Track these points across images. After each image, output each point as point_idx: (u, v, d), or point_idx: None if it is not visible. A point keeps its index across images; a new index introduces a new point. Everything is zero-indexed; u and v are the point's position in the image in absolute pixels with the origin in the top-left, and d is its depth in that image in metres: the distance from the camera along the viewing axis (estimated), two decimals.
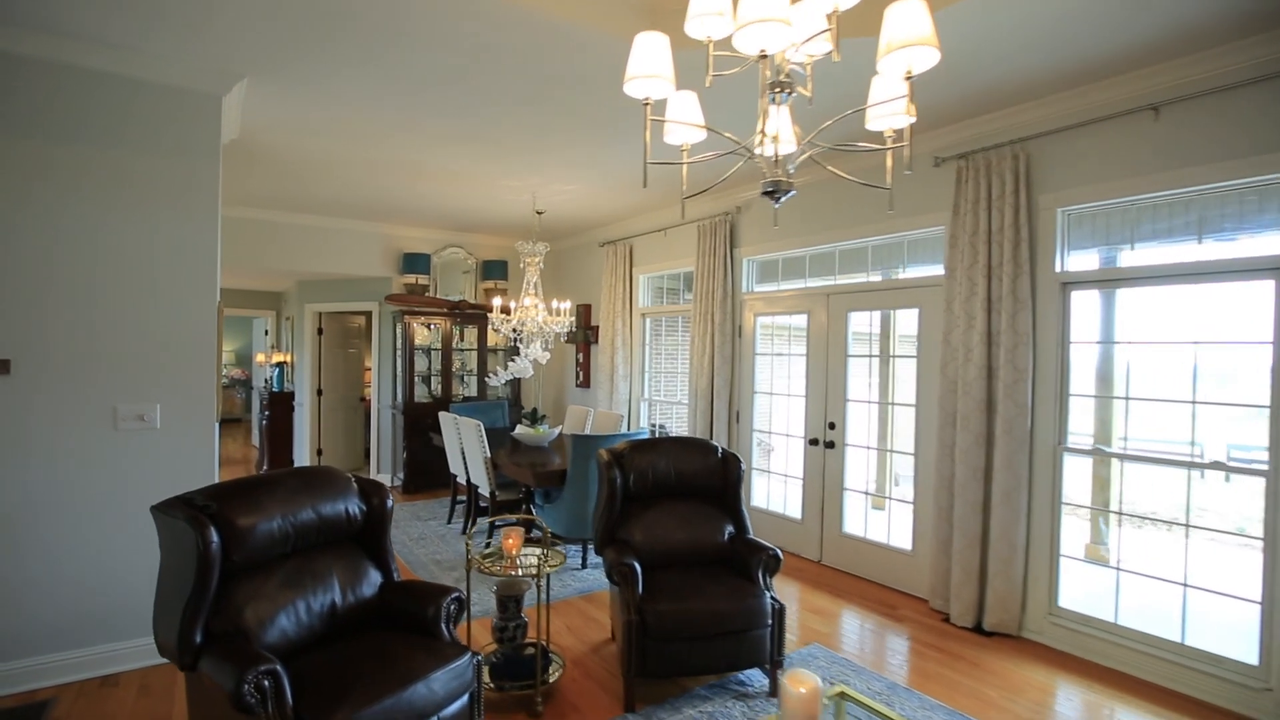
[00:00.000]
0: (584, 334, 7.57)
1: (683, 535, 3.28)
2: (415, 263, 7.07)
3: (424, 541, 5.25)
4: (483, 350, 7.46)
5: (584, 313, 7.62)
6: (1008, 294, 3.64)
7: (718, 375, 5.54)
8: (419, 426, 6.94)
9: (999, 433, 3.66)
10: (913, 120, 1.76)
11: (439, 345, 7.35)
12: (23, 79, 2.86)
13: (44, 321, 2.87)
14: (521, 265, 5.62)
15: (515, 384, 7.63)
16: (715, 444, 3.61)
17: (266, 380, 8.84)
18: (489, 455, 4.93)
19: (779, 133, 1.72)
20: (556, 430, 5.53)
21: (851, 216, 4.68)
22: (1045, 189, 3.62)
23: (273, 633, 2.23)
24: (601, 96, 3.59)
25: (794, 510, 5.11)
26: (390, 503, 2.66)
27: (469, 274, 7.69)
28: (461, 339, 7.58)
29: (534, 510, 4.89)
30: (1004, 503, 3.63)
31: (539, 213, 6.36)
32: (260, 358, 9.97)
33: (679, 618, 2.80)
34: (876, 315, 4.69)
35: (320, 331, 7.67)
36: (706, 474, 3.49)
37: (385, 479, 7.35)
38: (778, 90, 1.69)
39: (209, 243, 3.22)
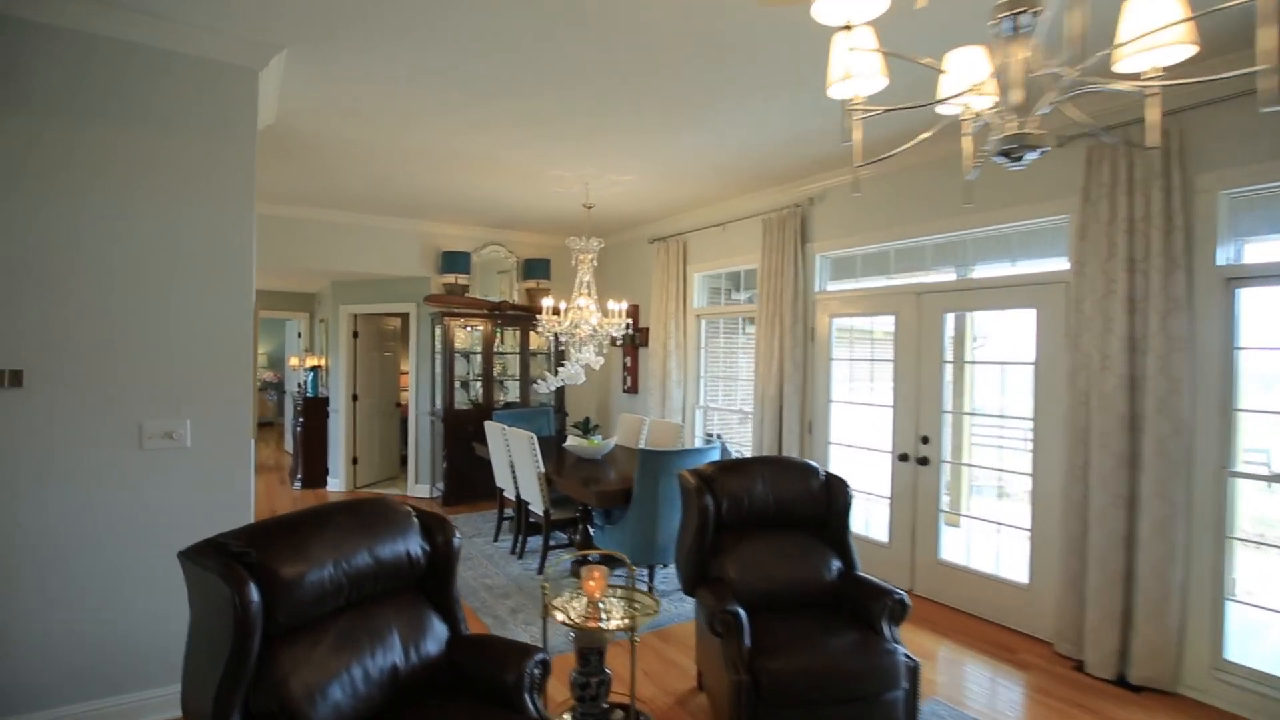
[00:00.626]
0: (632, 336, 7.13)
1: (785, 573, 2.82)
2: (455, 261, 6.70)
3: (471, 563, 4.85)
4: (525, 354, 7.05)
5: (631, 314, 7.17)
6: (1157, 292, 3.11)
7: (788, 382, 5.06)
8: (459, 435, 6.55)
9: (1148, 454, 3.13)
10: (1195, 50, 1.27)
11: (479, 348, 6.96)
12: (53, 51, 2.50)
13: (62, 327, 2.50)
14: (573, 263, 5.20)
15: (559, 390, 7.21)
16: (816, 466, 3.13)
17: (300, 385, 8.55)
18: (542, 470, 4.51)
19: (1017, 75, 1.25)
20: (611, 442, 5.09)
21: (945, 206, 4.17)
22: (1204, 168, 3.08)
23: (324, 708, 1.81)
24: (681, 73, 3.14)
25: (879, 533, 4.61)
26: (458, 541, 2.23)
27: (506, 274, 7.29)
28: (502, 342, 7.18)
29: (591, 532, 4.46)
30: (1156, 535, 3.10)
31: (588, 207, 5.94)
32: (293, 361, 9.71)
33: (799, 679, 2.33)
34: (978, 316, 4.16)
35: (355, 334, 7.34)
36: (808, 501, 3.01)
37: (424, 490, 6.98)
38: (1021, 11, 1.22)
39: (244, 237, 2.83)
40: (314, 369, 7.74)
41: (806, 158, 4.57)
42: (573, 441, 5.14)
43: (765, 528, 2.96)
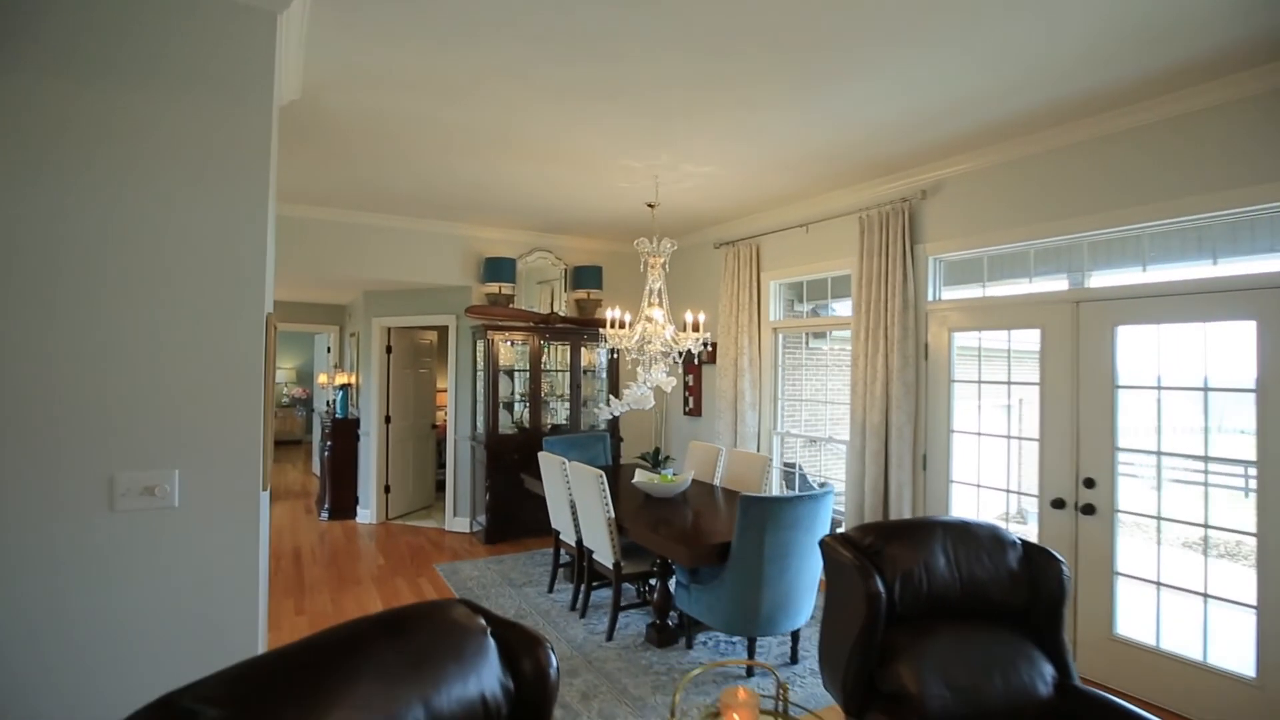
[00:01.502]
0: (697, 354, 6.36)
1: (993, 687, 2.01)
2: (499, 269, 6.02)
3: (523, 620, 4.10)
4: (575, 372, 6.33)
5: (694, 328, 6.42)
6: None
7: (896, 408, 4.25)
8: (503, 463, 5.85)
9: None
10: None
11: (525, 365, 6.27)
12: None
13: (8, 347, 1.83)
14: (642, 268, 4.47)
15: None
16: (1008, 534, 2.33)
17: (329, 404, 7.95)
18: (613, 516, 3.76)
19: None
20: (688, 478, 4.32)
21: (1106, 193, 3.35)
22: None
23: None
24: (812, 20, 2.40)
25: None
26: (554, 670, 1.48)
27: (546, 284, 6.58)
28: (549, 358, 6.48)
29: (672, 591, 3.69)
30: None
31: (651, 206, 5.22)
32: (322, 379, 9.15)
33: None
34: (1164, 330, 3.30)
35: (389, 349, 6.70)
36: (1004, 582, 2.21)
37: (463, 524, 6.27)
38: None
39: (256, 231, 2.14)
40: (344, 387, 7.13)
41: (920, 142, 3.80)
42: (642, 477, 4.39)
43: (951, 619, 2.17)
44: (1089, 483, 3.44)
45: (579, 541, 4.22)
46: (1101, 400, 3.40)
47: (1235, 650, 2.97)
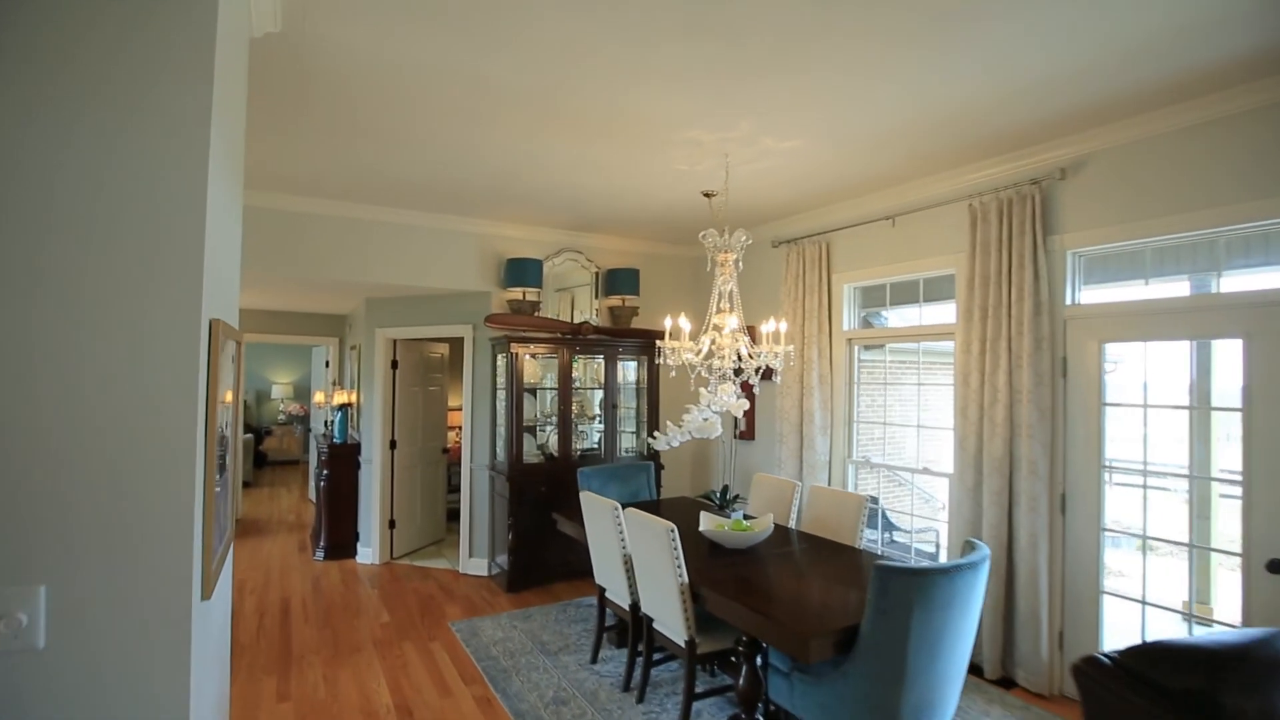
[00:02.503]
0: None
1: None
2: (523, 272, 5.21)
3: (564, 708, 3.24)
4: (611, 390, 5.49)
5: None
6: None
7: (1026, 437, 3.41)
8: (528, 497, 5.01)
9: None
10: None
11: (553, 382, 5.45)
12: None
13: None
14: (709, 267, 3.66)
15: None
16: None
17: (326, 425, 7.13)
18: (686, 581, 2.92)
19: None
20: (769, 522, 3.48)
21: None
22: None
23: None
24: None
25: None
26: None
27: (570, 290, 5.75)
28: (580, 374, 5.65)
29: (768, 681, 2.83)
30: None
31: (709, 195, 4.42)
32: (319, 397, 8.32)
33: None
34: None
35: (394, 364, 5.88)
36: None
37: (480, 566, 5.41)
38: None
39: (190, 188, 1.32)
40: (343, 408, 6.30)
41: (1070, 104, 3.00)
42: (710, 523, 3.54)
43: None
44: None
45: (634, 605, 3.38)
46: None
47: None
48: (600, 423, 5.57)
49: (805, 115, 3.16)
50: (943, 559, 4.53)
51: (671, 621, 3.02)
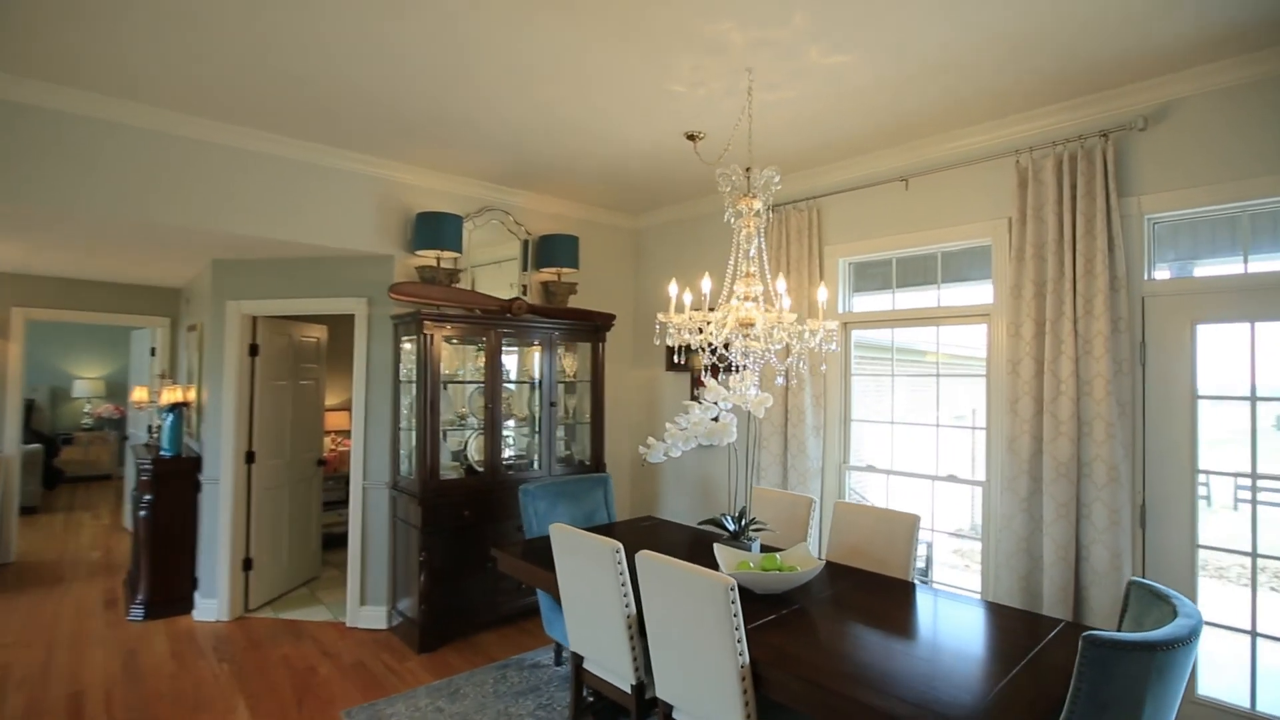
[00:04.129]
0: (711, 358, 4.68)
1: None
2: (438, 230, 3.99)
3: None
4: (549, 384, 4.39)
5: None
6: None
7: (1100, 438, 2.83)
8: (444, 523, 3.82)
9: None
10: None
11: (477, 374, 4.27)
12: None
13: None
14: (728, 218, 2.74)
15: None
16: None
17: (151, 433, 5.39)
18: (747, 660, 1.97)
19: None
20: (808, 554, 2.62)
21: None
22: None
23: None
24: None
25: None
26: None
27: (491, 265, 4.59)
28: (514, 364, 4.49)
29: None
30: None
31: (693, 138, 3.50)
32: (138, 394, 6.40)
33: None
34: None
35: (254, 349, 4.40)
36: None
37: (377, 618, 4.10)
38: None
39: None
40: (175, 408, 4.67)
41: (1146, 42, 2.45)
42: (729, 559, 2.62)
43: None
44: None
45: (640, 686, 2.38)
46: None
47: None
48: (534, 426, 4.47)
49: (874, 15, 2.34)
50: (936, 579, 3.94)
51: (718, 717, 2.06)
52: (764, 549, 2.97)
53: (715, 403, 2.93)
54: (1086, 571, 2.89)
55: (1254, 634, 2.64)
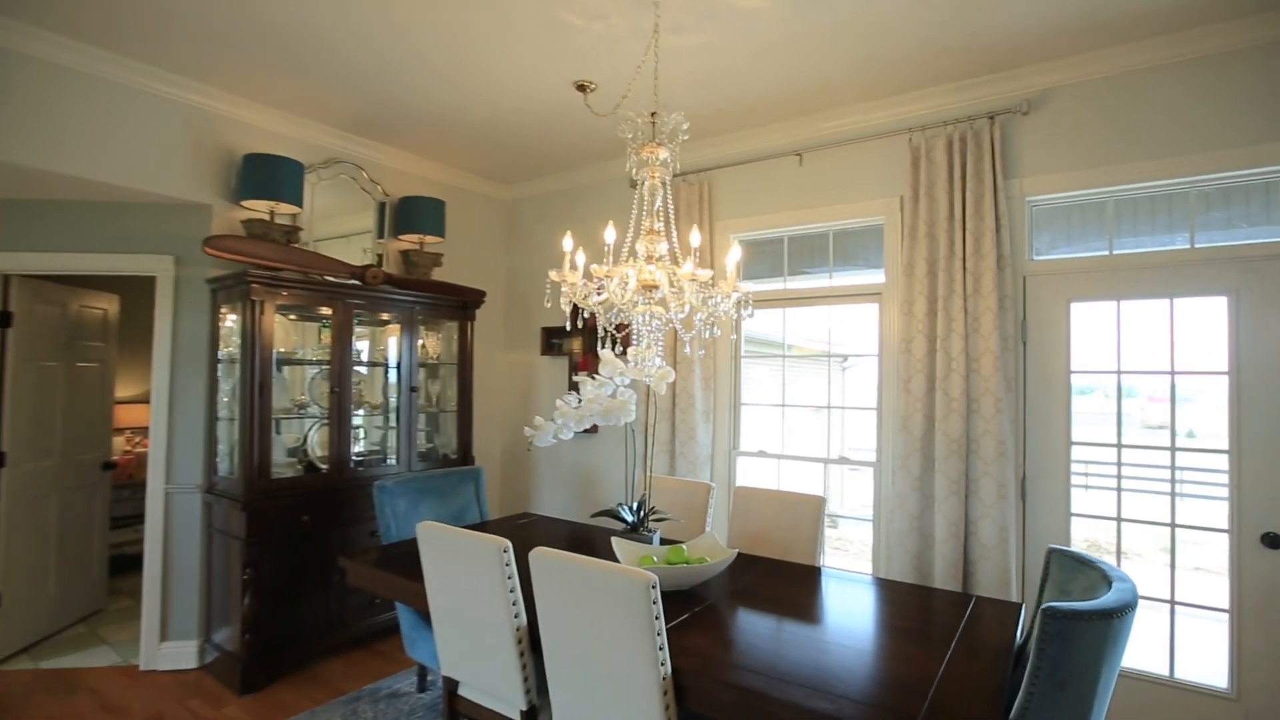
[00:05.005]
0: (590, 338, 4.36)
1: None
2: (274, 176, 3.29)
3: None
4: (408, 368, 3.81)
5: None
6: None
7: (989, 414, 2.86)
8: (275, 531, 3.16)
9: None
10: None
11: (321, 354, 3.60)
12: None
13: None
14: (630, 169, 2.42)
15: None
16: None
17: None
18: (669, 670, 1.65)
19: None
20: (716, 543, 2.37)
21: None
22: None
23: None
24: None
25: (1211, 674, 2.59)
26: None
27: (348, 232, 3.91)
28: (368, 344, 3.84)
29: None
30: None
31: (584, 88, 3.15)
32: None
33: None
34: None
35: (5, 319, 3.40)
36: None
37: (184, 655, 3.29)
38: None
39: None
40: None
41: (1032, 24, 2.53)
42: (630, 554, 2.30)
43: None
44: None
45: (532, 711, 1.98)
46: None
47: None
48: (391, 415, 3.87)
49: None
50: (824, 563, 3.91)
51: None
52: (664, 541, 2.68)
53: (611, 378, 2.61)
54: (975, 546, 2.91)
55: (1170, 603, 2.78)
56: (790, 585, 2.34)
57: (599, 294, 2.40)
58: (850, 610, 2.14)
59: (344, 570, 2.71)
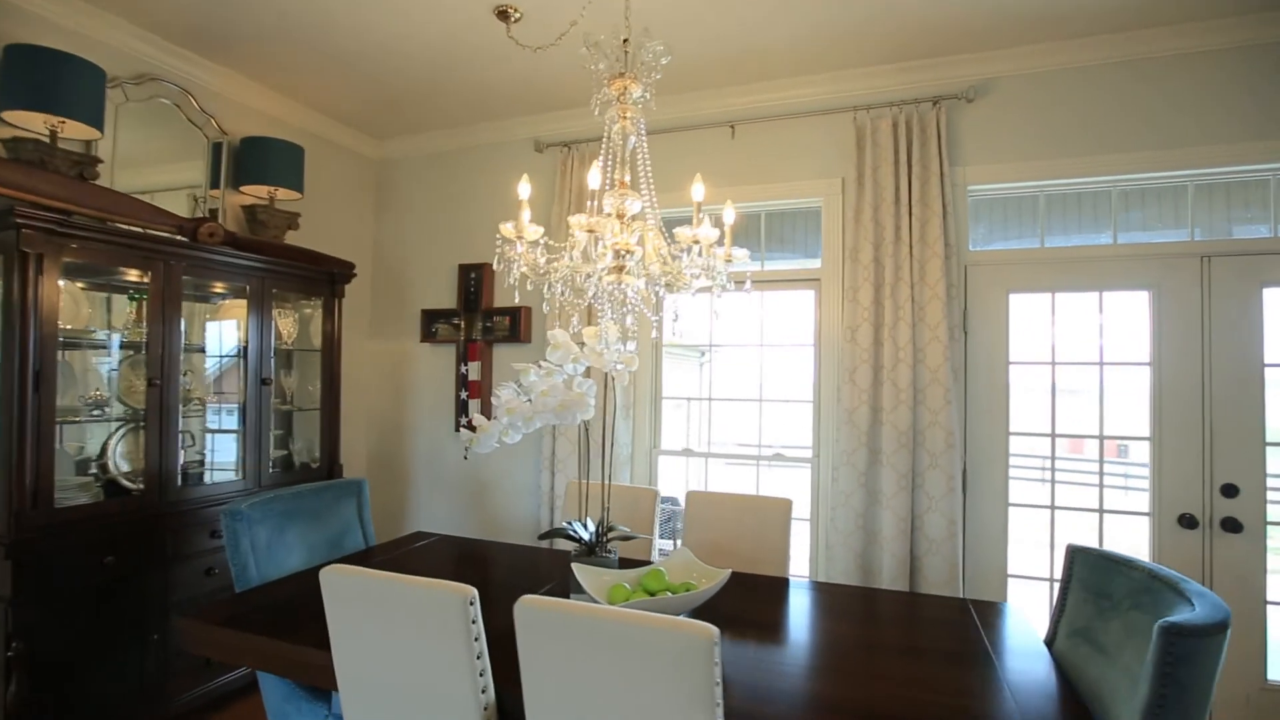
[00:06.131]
0: (484, 322, 3.76)
1: None
2: (54, 80, 2.33)
3: None
4: (259, 354, 2.97)
5: (479, 281, 3.79)
6: None
7: (943, 404, 2.79)
8: (65, 586, 2.25)
9: None
10: None
11: (138, 334, 2.66)
12: None
13: None
14: (594, 107, 1.96)
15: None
16: None
17: None
18: None
19: None
20: (724, 574, 1.99)
21: (1222, 121, 2.60)
22: None
23: None
24: None
25: None
26: None
27: (167, 173, 2.96)
28: (192, 326, 2.90)
29: None
30: None
31: (505, 14, 2.60)
32: None
33: None
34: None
35: None
36: None
37: None
38: None
39: None
40: None
41: (964, 14, 2.51)
42: (596, 583, 1.85)
43: None
44: (1229, 491, 2.59)
45: None
46: (1245, 385, 2.58)
47: None
48: (235, 414, 3.00)
49: None
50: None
51: None
52: (624, 563, 2.26)
53: (561, 365, 2.12)
54: (921, 541, 2.83)
55: (1052, 581, 2.84)
56: (776, 603, 2.03)
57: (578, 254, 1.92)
58: (863, 628, 1.88)
59: (179, 631, 1.94)
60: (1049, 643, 1.81)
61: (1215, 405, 2.61)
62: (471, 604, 1.39)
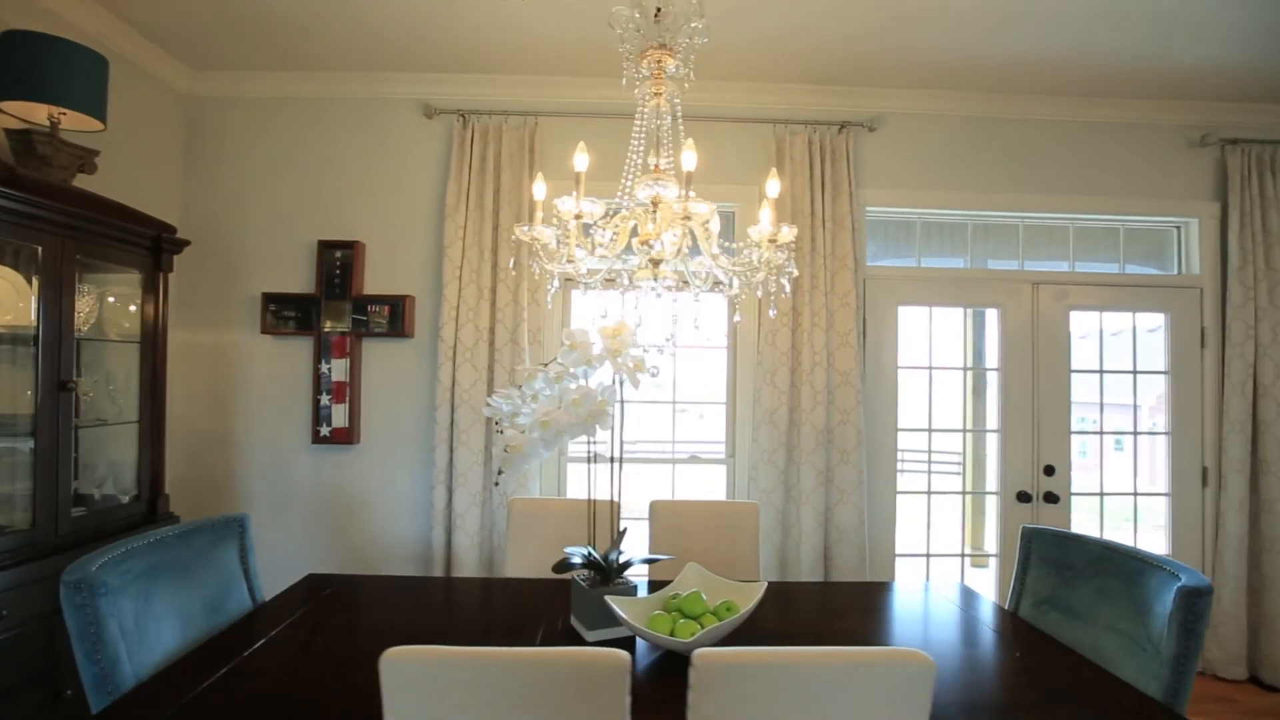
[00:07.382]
0: (355, 312, 3.15)
1: None
2: None
3: None
4: (60, 346, 2.06)
5: (348, 262, 3.16)
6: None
7: (854, 404, 3.06)
8: None
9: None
10: None
11: None
12: None
13: None
14: (625, 81, 1.74)
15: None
16: None
17: None
18: None
19: None
20: (757, 586, 1.90)
21: (1048, 175, 3.31)
22: None
23: None
24: None
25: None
26: None
27: None
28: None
29: None
30: None
31: None
32: None
33: None
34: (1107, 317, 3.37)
35: None
36: None
37: None
38: None
39: None
40: None
41: (863, 52, 2.89)
42: (632, 612, 1.67)
43: None
44: (1049, 470, 3.25)
45: None
46: (1058, 386, 3.27)
47: None
48: (11, 435, 2.06)
49: None
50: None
51: None
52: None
53: (571, 369, 1.86)
54: (832, 532, 3.07)
55: (928, 555, 3.29)
56: (778, 609, 2.03)
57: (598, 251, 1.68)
58: (882, 624, 1.96)
59: None
60: (1013, 612, 2.08)
61: (1040, 402, 3.25)
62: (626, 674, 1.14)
